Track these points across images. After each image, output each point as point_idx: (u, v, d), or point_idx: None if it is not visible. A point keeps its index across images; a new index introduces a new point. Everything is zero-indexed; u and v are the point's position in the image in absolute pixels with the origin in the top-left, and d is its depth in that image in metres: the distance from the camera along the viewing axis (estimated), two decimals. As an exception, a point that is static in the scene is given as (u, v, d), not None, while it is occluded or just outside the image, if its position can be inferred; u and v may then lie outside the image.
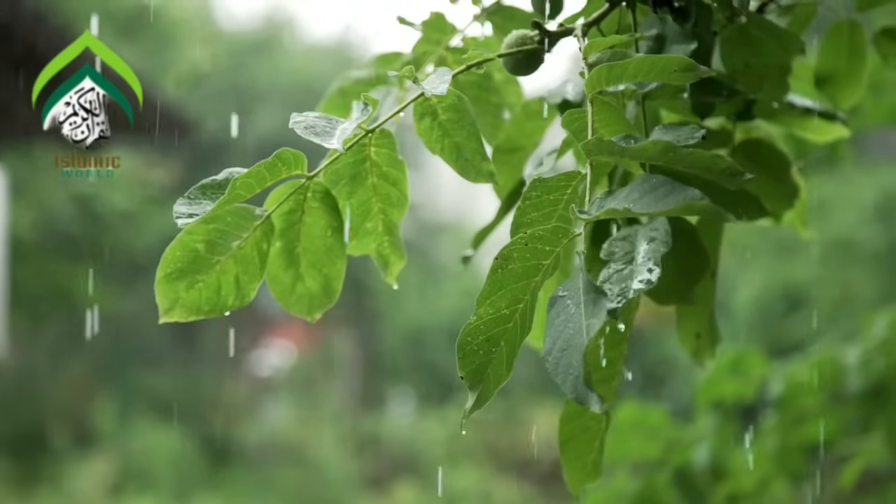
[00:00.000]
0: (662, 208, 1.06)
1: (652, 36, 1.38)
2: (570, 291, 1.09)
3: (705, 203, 1.05)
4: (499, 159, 1.61)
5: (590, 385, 1.04)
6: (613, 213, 1.09)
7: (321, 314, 1.39)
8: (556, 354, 1.07)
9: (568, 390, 1.05)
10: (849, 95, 1.71)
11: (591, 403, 1.04)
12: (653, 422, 3.03)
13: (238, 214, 1.29)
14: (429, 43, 1.65)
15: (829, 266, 7.91)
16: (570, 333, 1.06)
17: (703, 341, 1.64)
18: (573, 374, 1.05)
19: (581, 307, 1.07)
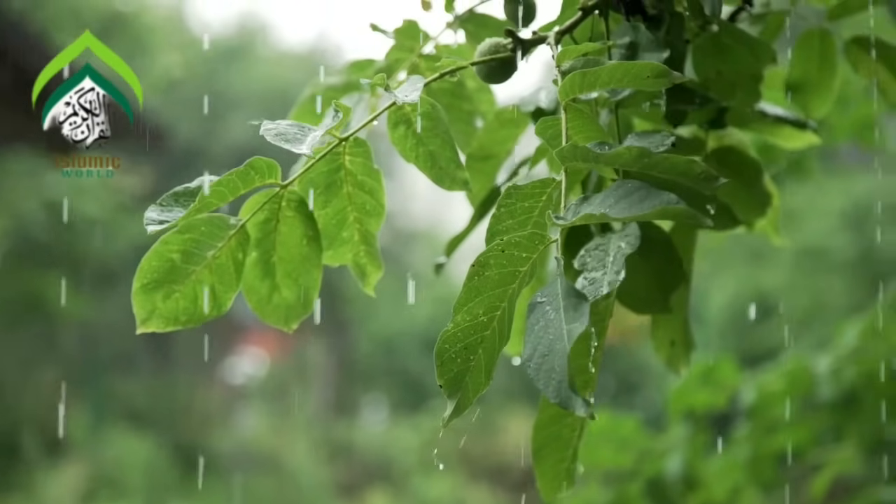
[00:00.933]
0: (638, 212, 1.07)
1: (625, 44, 1.38)
2: (548, 297, 1.09)
3: (681, 207, 1.05)
4: (472, 167, 1.62)
5: (574, 389, 1.04)
6: (590, 219, 1.10)
7: (298, 324, 1.39)
8: (537, 360, 1.07)
9: (551, 395, 1.05)
10: (820, 104, 1.72)
11: (576, 407, 1.04)
12: (625, 431, 3.03)
13: (213, 224, 1.28)
14: (402, 50, 1.65)
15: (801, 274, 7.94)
16: (551, 339, 1.07)
17: (678, 349, 1.64)
18: (556, 379, 1.05)
19: (561, 312, 1.07)
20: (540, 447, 1.38)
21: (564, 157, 1.15)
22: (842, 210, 7.87)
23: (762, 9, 1.69)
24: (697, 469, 2.94)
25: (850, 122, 2.96)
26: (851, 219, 7.83)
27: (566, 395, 1.04)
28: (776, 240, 1.80)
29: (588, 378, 1.37)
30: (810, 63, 1.71)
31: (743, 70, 1.53)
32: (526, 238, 1.12)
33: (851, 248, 7.75)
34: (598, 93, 1.25)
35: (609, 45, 1.37)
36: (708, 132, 1.62)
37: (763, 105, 1.63)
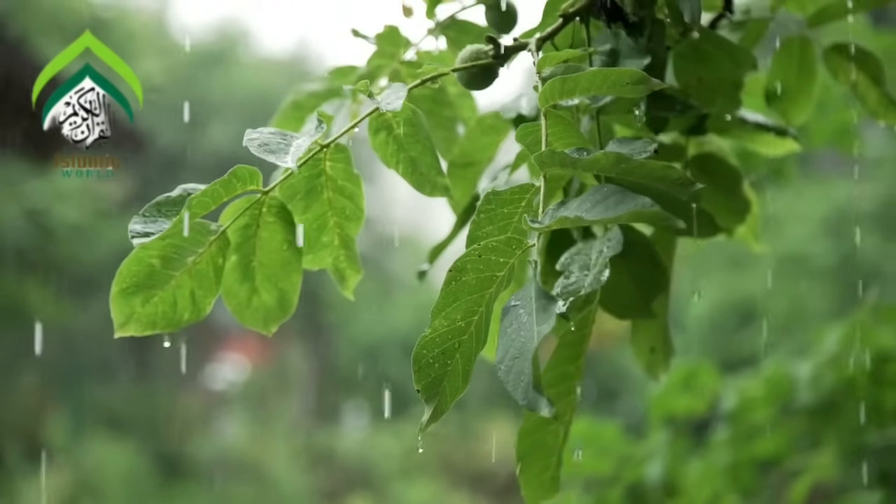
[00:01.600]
0: (613, 216, 1.07)
1: (605, 51, 1.38)
2: (522, 301, 1.10)
3: (656, 210, 1.06)
4: (453, 173, 1.62)
5: (539, 390, 1.05)
6: (565, 222, 1.10)
7: (277, 327, 1.39)
8: (507, 362, 1.07)
9: (519, 397, 1.06)
10: (799, 110, 1.72)
11: (541, 408, 1.04)
12: (605, 438, 3.04)
13: (193, 230, 1.28)
14: (383, 56, 1.65)
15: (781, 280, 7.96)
16: (523, 341, 1.07)
17: (658, 355, 1.64)
18: (524, 381, 1.05)
19: (533, 315, 1.07)
20: (525, 454, 1.38)
21: (543, 162, 1.16)
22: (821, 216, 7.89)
23: (742, 16, 1.70)
24: (677, 475, 2.95)
25: (829, 129, 2.97)
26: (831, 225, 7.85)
27: (533, 397, 1.05)
28: (756, 246, 1.80)
29: (571, 384, 1.37)
30: (790, 70, 1.72)
31: (723, 77, 1.53)
32: (503, 243, 1.12)
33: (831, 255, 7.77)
34: (578, 99, 1.25)
35: (590, 51, 1.37)
36: (688, 139, 1.63)
37: (743, 112, 1.64)
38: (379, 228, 14.59)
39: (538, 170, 1.17)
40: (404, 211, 14.87)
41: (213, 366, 12.75)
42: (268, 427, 11.44)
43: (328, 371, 13.44)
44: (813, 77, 1.72)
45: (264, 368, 12.73)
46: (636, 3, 1.37)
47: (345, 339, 13.36)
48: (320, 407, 13.08)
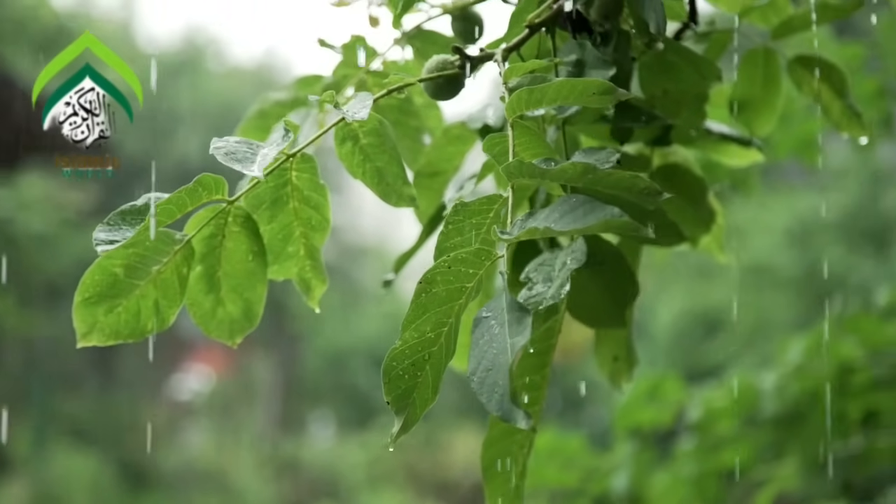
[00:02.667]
0: (582, 226, 1.07)
1: (571, 61, 1.39)
2: (493, 312, 1.10)
3: (624, 219, 1.06)
4: (420, 183, 1.62)
5: (516, 402, 1.05)
6: (534, 233, 1.10)
7: (242, 338, 1.38)
8: (480, 374, 1.07)
9: (494, 408, 1.05)
10: (764, 121, 1.73)
11: (517, 420, 1.04)
12: (570, 450, 3.04)
13: (158, 239, 1.28)
14: (349, 66, 1.65)
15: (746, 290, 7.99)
16: (495, 353, 1.07)
17: (621, 364, 1.65)
18: (499, 393, 1.05)
19: (505, 326, 1.07)
20: (489, 464, 1.38)
21: (511, 173, 1.16)
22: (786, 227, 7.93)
23: (707, 27, 1.70)
24: (643, 487, 2.95)
25: (793, 140, 2.99)
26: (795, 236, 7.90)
27: (508, 409, 1.05)
28: (720, 257, 1.81)
29: (537, 394, 1.38)
30: (755, 81, 1.72)
31: (688, 88, 1.53)
32: (472, 254, 1.12)
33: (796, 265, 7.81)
34: (545, 110, 1.25)
35: (556, 62, 1.37)
36: (653, 149, 1.63)
37: (708, 123, 1.64)
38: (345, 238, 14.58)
39: (506, 180, 1.17)
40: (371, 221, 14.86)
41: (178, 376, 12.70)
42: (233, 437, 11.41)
43: (294, 381, 13.41)
44: (777, 88, 1.73)
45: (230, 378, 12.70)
46: (602, 14, 1.37)
47: (311, 349, 13.34)
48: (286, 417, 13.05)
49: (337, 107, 1.27)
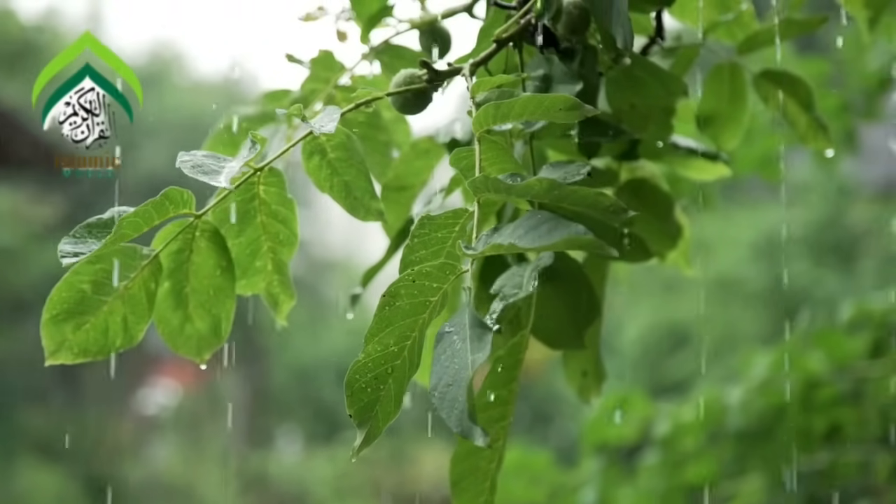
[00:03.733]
0: (546, 243, 1.07)
1: (539, 76, 1.39)
2: (456, 327, 1.10)
3: (588, 237, 1.06)
4: (387, 197, 1.62)
5: (474, 419, 1.05)
6: (499, 249, 1.10)
7: (210, 355, 1.38)
8: (442, 389, 1.07)
9: (453, 424, 1.06)
10: (730, 136, 1.74)
11: (475, 437, 1.04)
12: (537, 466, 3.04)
13: (125, 254, 1.27)
14: (317, 81, 1.65)
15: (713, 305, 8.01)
16: (457, 368, 1.07)
17: (589, 379, 1.65)
18: (458, 409, 1.05)
19: (467, 342, 1.07)
20: (458, 479, 1.38)
21: (477, 188, 1.16)
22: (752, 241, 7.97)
23: (673, 42, 1.71)
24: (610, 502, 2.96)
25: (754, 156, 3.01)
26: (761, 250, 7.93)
27: (467, 425, 1.05)
28: (687, 271, 1.81)
29: (505, 409, 1.37)
30: (721, 96, 1.73)
31: (655, 103, 1.54)
32: (436, 268, 1.12)
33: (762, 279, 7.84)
34: (512, 124, 1.26)
35: (523, 77, 1.38)
36: (621, 164, 1.64)
37: (675, 137, 1.65)
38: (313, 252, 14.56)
39: (472, 195, 1.17)
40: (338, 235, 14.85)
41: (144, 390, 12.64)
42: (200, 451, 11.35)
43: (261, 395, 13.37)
44: (743, 103, 1.74)
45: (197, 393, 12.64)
46: (569, 30, 1.38)
47: (278, 363, 13.30)
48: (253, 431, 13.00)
49: (305, 121, 1.27)
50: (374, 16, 1.62)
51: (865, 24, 1.75)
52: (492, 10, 1.49)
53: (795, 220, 7.81)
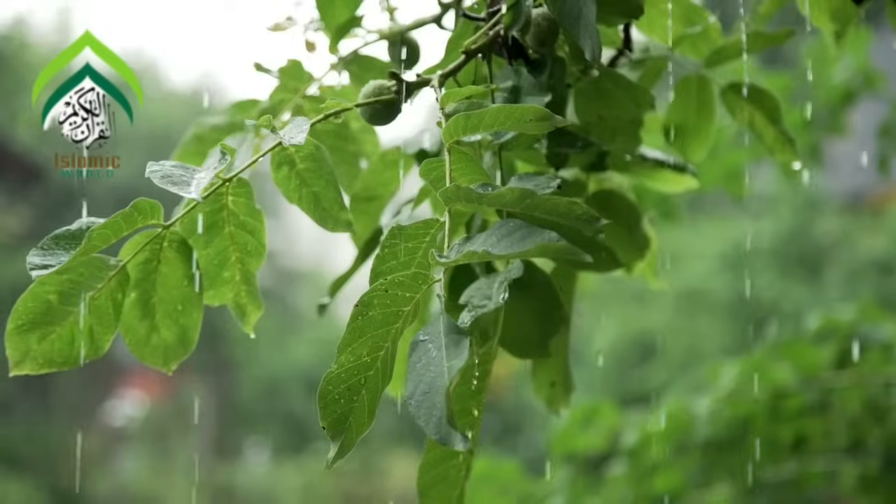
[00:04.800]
0: (519, 250, 1.08)
1: (507, 87, 1.39)
2: (431, 335, 1.10)
3: (562, 244, 1.07)
4: (356, 208, 1.62)
5: (453, 425, 1.05)
6: (472, 257, 1.10)
7: (177, 365, 1.37)
8: (418, 397, 1.07)
9: (431, 431, 1.05)
10: (698, 148, 1.75)
11: (455, 443, 1.04)
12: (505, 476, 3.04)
13: (92, 265, 1.27)
14: (286, 91, 1.65)
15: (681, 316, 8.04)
16: (432, 376, 1.07)
17: (558, 390, 1.65)
18: (436, 416, 1.05)
19: (442, 350, 1.08)
20: (426, 488, 1.38)
21: (448, 198, 1.16)
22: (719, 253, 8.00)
23: (641, 55, 1.72)
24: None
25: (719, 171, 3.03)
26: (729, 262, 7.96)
27: (446, 431, 1.05)
28: (654, 283, 1.82)
29: (473, 419, 1.38)
30: (688, 108, 1.74)
31: (623, 114, 1.55)
32: (409, 278, 1.13)
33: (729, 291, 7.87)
34: (481, 135, 1.26)
35: (492, 88, 1.38)
36: (589, 175, 1.64)
37: (643, 149, 1.65)
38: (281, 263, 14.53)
39: (442, 205, 1.17)
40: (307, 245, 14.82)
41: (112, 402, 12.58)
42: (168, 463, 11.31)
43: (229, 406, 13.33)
44: (711, 115, 1.74)
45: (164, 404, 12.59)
46: (538, 41, 1.38)
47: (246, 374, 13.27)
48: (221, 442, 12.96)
49: (273, 131, 1.27)
50: (343, 26, 1.62)
51: (832, 37, 1.76)
52: (461, 22, 1.49)
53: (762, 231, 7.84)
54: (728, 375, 2.92)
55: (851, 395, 2.88)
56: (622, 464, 2.99)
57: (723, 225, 8.06)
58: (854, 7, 1.71)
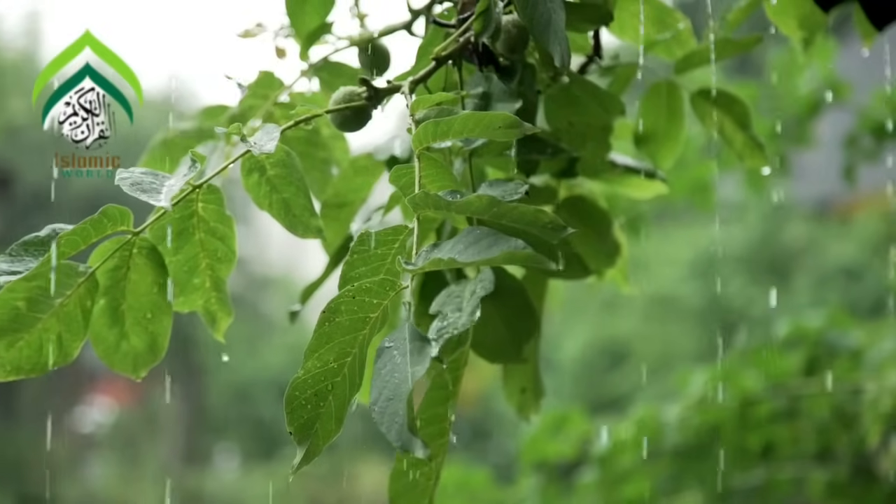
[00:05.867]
0: (486, 257, 1.08)
1: (478, 94, 1.39)
2: (396, 342, 1.10)
3: (528, 252, 1.07)
4: (327, 214, 1.62)
5: (414, 432, 1.05)
6: (439, 264, 1.10)
7: (146, 372, 1.37)
8: (382, 404, 1.07)
9: (393, 438, 1.05)
10: (668, 154, 1.75)
11: (415, 450, 1.04)
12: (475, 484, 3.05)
13: (61, 271, 1.26)
14: (256, 97, 1.65)
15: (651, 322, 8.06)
16: (397, 383, 1.07)
17: (528, 396, 1.65)
18: (398, 423, 1.05)
19: (407, 356, 1.07)
20: (397, 496, 1.38)
21: (417, 204, 1.16)
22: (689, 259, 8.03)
23: (611, 61, 1.72)
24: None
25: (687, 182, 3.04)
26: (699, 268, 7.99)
27: (407, 438, 1.05)
28: (625, 289, 1.82)
29: (443, 426, 1.38)
30: (658, 115, 1.74)
31: (593, 121, 1.55)
32: (377, 284, 1.13)
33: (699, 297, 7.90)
34: (451, 142, 1.26)
35: (462, 94, 1.38)
36: (559, 181, 1.64)
37: (613, 155, 1.66)
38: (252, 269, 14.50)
39: (411, 211, 1.17)
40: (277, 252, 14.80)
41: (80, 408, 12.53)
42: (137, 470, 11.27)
43: (198, 413, 13.28)
44: (680, 121, 1.75)
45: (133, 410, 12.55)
46: (508, 48, 1.38)
47: (216, 380, 13.23)
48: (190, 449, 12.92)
49: (244, 138, 1.27)
50: (313, 33, 1.62)
51: (800, 45, 1.77)
52: (431, 28, 1.49)
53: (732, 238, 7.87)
54: (697, 382, 2.93)
55: (820, 402, 2.89)
56: (592, 471, 2.99)
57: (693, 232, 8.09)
58: (822, 15, 1.72)
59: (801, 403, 2.89)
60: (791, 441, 2.89)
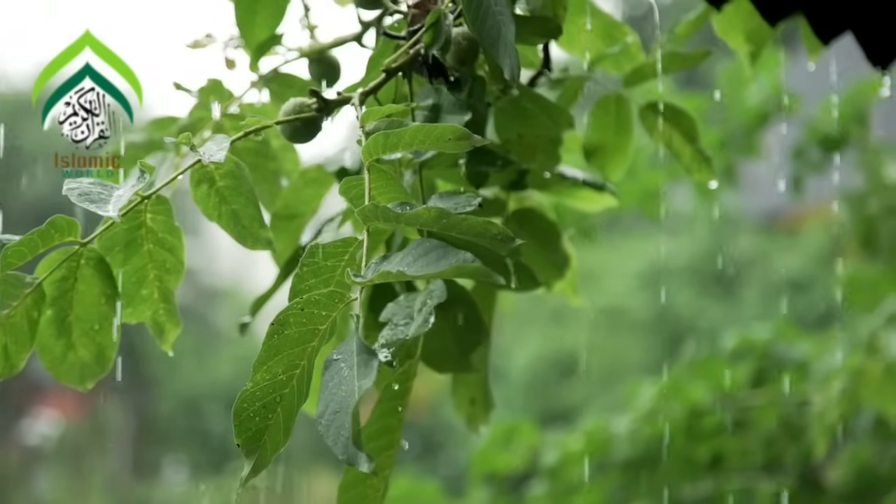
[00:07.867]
0: (435, 270, 1.08)
1: (428, 106, 1.40)
2: (343, 354, 1.10)
3: (476, 265, 1.07)
4: (277, 226, 1.62)
5: (359, 446, 1.05)
6: (388, 276, 1.10)
7: (94, 383, 1.36)
8: (328, 417, 1.07)
9: (339, 451, 1.06)
10: (616, 166, 1.76)
11: (360, 463, 1.04)
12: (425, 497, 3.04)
13: (7, 282, 1.25)
14: (205, 108, 1.65)
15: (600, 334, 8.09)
16: (343, 396, 1.07)
17: (478, 407, 1.66)
18: (344, 436, 1.05)
19: (354, 369, 1.08)
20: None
21: (366, 216, 1.16)
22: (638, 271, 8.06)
23: (561, 74, 1.73)
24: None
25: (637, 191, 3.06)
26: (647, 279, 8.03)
27: (352, 452, 1.05)
28: (574, 300, 1.83)
29: (392, 438, 1.38)
30: (607, 127, 1.75)
31: (542, 133, 1.56)
32: (325, 296, 1.12)
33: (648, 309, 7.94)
34: (401, 154, 1.26)
35: (412, 106, 1.38)
36: (509, 194, 1.65)
37: (563, 168, 1.67)
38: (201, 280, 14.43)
39: (361, 223, 1.18)
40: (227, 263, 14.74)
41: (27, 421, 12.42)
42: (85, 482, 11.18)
43: (147, 425, 13.20)
44: (629, 134, 1.76)
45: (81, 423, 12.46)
46: (458, 60, 1.39)
47: (164, 392, 13.15)
48: (139, 461, 12.84)
49: (193, 149, 1.27)
50: (263, 44, 1.62)
51: (747, 58, 1.78)
52: (381, 40, 1.49)
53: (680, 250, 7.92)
54: (646, 394, 2.94)
55: (767, 414, 2.91)
56: (542, 483, 3.00)
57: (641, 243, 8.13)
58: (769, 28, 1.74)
59: (748, 415, 2.91)
60: (739, 452, 2.91)
